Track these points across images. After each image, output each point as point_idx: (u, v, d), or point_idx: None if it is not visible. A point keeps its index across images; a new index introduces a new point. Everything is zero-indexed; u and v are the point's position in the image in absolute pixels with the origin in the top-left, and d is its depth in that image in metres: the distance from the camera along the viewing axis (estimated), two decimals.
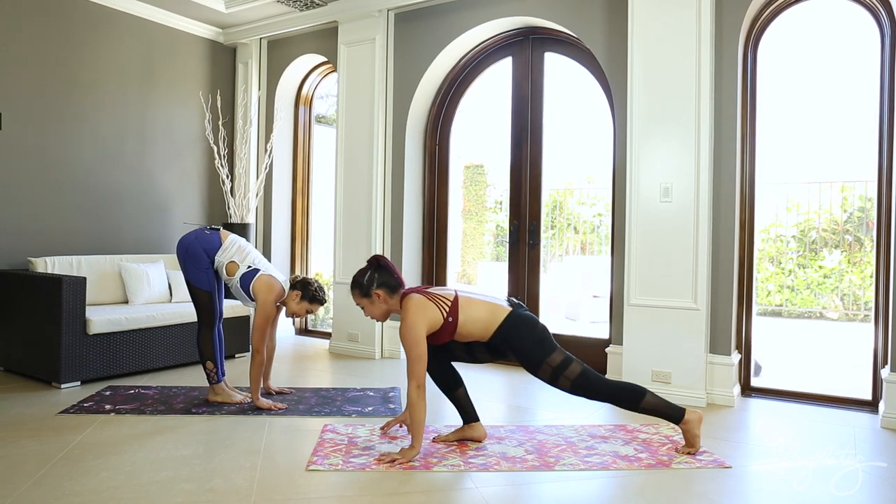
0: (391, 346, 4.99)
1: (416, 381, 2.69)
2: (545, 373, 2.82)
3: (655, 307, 3.83)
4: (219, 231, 3.59)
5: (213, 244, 3.51)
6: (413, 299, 2.80)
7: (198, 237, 3.52)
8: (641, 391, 2.84)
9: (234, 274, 3.50)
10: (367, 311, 2.92)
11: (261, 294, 3.47)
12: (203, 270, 3.49)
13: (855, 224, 6.56)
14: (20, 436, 2.96)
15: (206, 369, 3.54)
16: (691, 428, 2.84)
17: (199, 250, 3.48)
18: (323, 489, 2.44)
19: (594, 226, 7.59)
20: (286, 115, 5.87)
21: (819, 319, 6.85)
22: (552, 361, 2.80)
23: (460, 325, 2.79)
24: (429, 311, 2.76)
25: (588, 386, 2.81)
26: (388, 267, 2.89)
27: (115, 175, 5.02)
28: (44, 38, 4.59)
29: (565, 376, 2.80)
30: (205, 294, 3.51)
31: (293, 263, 6.01)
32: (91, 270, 4.53)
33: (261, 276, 3.50)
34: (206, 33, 5.63)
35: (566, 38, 4.57)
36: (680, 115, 3.76)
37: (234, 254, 3.52)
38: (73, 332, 3.85)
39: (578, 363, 2.83)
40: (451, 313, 2.79)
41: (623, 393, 2.84)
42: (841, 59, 5.48)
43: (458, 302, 2.81)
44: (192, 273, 3.49)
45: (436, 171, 5.21)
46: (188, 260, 3.48)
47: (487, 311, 2.83)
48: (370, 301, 2.88)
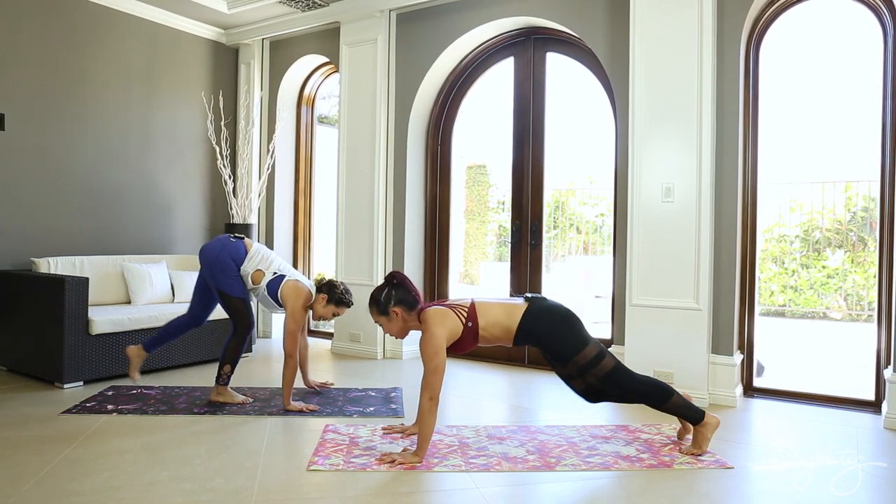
0: (393, 347, 4.99)
1: (429, 393, 2.68)
2: (573, 370, 2.82)
3: (657, 307, 3.82)
4: (243, 240, 3.60)
5: (239, 252, 3.52)
6: (431, 311, 2.81)
7: (224, 246, 3.52)
8: (669, 391, 2.85)
9: (261, 282, 3.51)
10: (385, 328, 2.93)
11: (290, 300, 3.47)
12: (233, 278, 3.50)
13: (859, 224, 6.54)
14: (23, 435, 2.97)
15: (222, 371, 3.53)
16: (706, 431, 2.84)
17: (227, 259, 3.49)
18: (324, 489, 2.44)
19: (596, 226, 7.58)
20: (288, 116, 5.88)
21: (823, 320, 6.83)
22: (582, 358, 2.79)
23: (482, 328, 2.80)
24: (448, 321, 2.77)
25: (616, 382, 2.80)
26: (406, 284, 2.90)
27: (118, 176, 5.04)
28: (47, 40, 4.60)
29: (593, 374, 2.80)
30: (240, 301, 3.52)
31: (295, 264, 6.01)
32: (94, 271, 4.54)
33: (287, 282, 3.51)
34: (209, 34, 5.64)
35: (568, 38, 4.56)
36: (681, 115, 3.76)
37: (260, 262, 3.53)
38: (75, 333, 3.86)
39: (612, 358, 2.82)
40: (469, 318, 2.79)
41: (652, 389, 2.84)
42: (844, 58, 5.46)
43: (475, 307, 2.83)
44: (222, 282, 3.49)
45: (438, 172, 5.21)
46: (217, 269, 3.48)
47: (504, 311, 2.83)
48: (388, 319, 2.89)
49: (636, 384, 2.84)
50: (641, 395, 2.85)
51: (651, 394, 2.85)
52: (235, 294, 3.51)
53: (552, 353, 2.86)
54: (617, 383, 2.83)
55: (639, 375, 2.88)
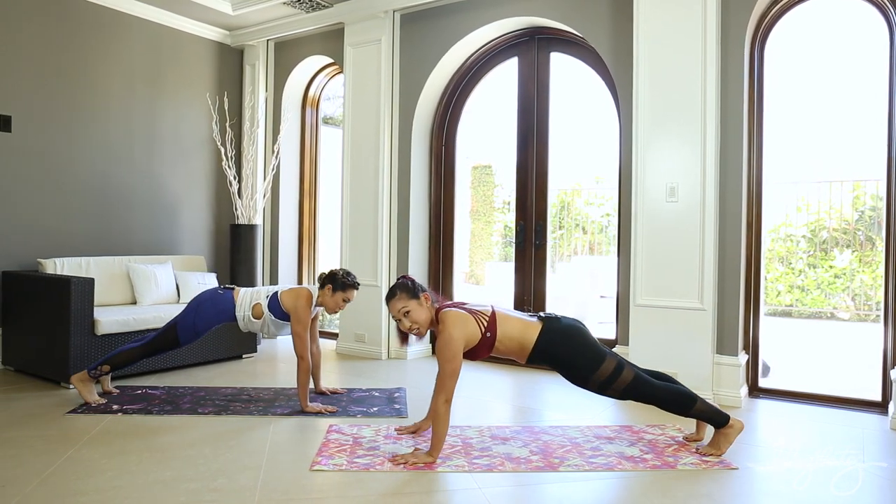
0: (397, 347, 4.99)
1: (444, 396, 2.67)
2: (593, 387, 2.81)
3: (661, 307, 3.81)
4: (232, 290, 3.62)
5: (227, 304, 3.55)
6: (452, 313, 2.75)
7: (212, 298, 3.57)
8: (693, 398, 2.82)
9: (262, 312, 3.53)
10: (413, 315, 2.78)
11: (290, 303, 3.49)
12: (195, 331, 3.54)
13: (866, 223, 6.50)
14: (29, 435, 2.98)
15: (101, 367, 3.53)
16: (729, 434, 2.82)
17: (212, 315, 3.54)
18: (326, 489, 2.44)
19: (602, 226, 7.55)
20: (293, 117, 5.89)
21: (830, 320, 6.78)
22: (600, 376, 2.76)
23: (498, 340, 2.78)
24: (469, 326, 2.73)
25: (638, 393, 2.81)
26: None
27: (123, 177, 5.06)
28: (52, 43, 4.63)
29: (614, 388, 2.79)
30: (175, 341, 3.55)
31: (300, 265, 6.03)
32: (100, 271, 4.56)
33: (282, 291, 3.54)
34: (214, 35, 5.66)
35: (572, 37, 4.55)
36: (686, 115, 3.74)
37: (252, 297, 3.56)
38: (81, 333, 3.87)
39: (630, 369, 2.80)
40: (488, 328, 2.76)
41: (675, 397, 2.82)
42: (850, 56, 5.42)
43: (496, 317, 2.79)
44: (185, 319, 3.53)
45: (442, 172, 5.21)
46: (197, 312, 3.53)
47: (521, 327, 2.80)
48: (419, 303, 2.80)
49: (658, 392, 2.81)
50: (664, 403, 2.83)
51: (674, 402, 2.82)
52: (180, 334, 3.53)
53: (571, 374, 2.82)
54: (638, 394, 2.81)
55: (658, 384, 2.84)
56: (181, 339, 3.54)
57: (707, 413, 2.83)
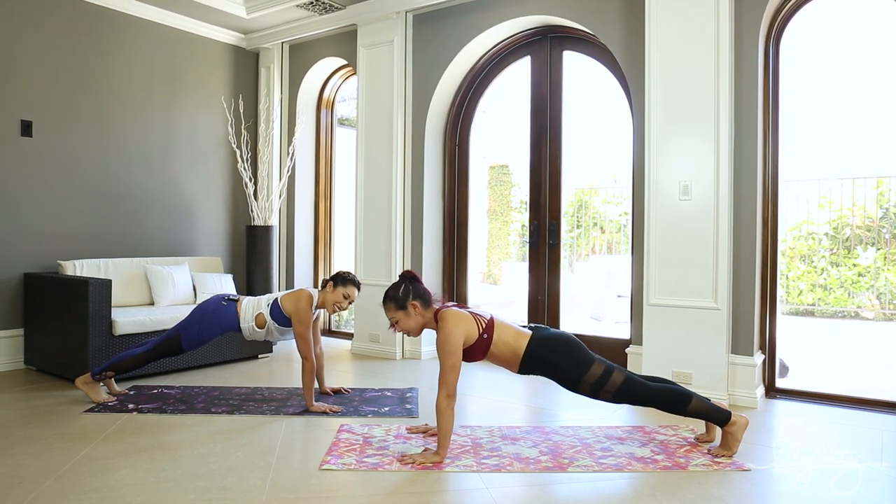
0: (412, 347, 5.00)
1: (446, 391, 2.69)
2: (585, 390, 2.84)
3: (675, 307, 3.77)
4: (236, 302, 3.64)
5: (231, 314, 3.58)
6: (452, 311, 2.83)
7: (216, 311, 3.59)
8: (687, 396, 2.81)
9: (265, 322, 3.56)
10: (401, 324, 2.91)
11: (290, 305, 3.52)
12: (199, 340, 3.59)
13: (892, 220, 6.36)
14: (47, 433, 3.04)
15: (106, 372, 3.58)
16: (735, 432, 2.80)
17: (215, 326, 3.57)
18: (334, 488, 2.46)
19: (620, 225, 7.50)
20: (308, 118, 5.93)
21: (854, 319, 6.65)
22: (590, 378, 2.80)
23: (493, 344, 2.82)
24: (467, 324, 2.79)
25: (631, 394, 2.82)
26: (420, 281, 2.93)
27: (141, 180, 5.14)
28: (70, 49, 4.72)
29: (606, 390, 2.81)
30: (178, 348, 3.60)
31: (316, 265, 6.07)
32: (118, 273, 4.64)
33: (282, 297, 3.57)
34: (229, 39, 5.73)
35: (584, 35, 4.52)
36: (699, 113, 3.70)
37: (254, 307, 3.58)
38: (99, 333, 3.94)
39: (620, 372, 2.82)
40: (486, 330, 2.82)
41: (668, 396, 2.82)
42: (869, 49, 5.32)
43: (494, 322, 2.85)
44: (188, 329, 3.57)
45: (456, 172, 5.20)
46: (201, 323, 3.57)
47: (515, 334, 2.86)
48: (406, 314, 2.88)
49: (651, 393, 2.82)
50: (659, 403, 2.82)
51: (668, 400, 2.81)
52: (183, 342, 3.57)
53: (561, 378, 2.86)
54: (632, 396, 2.82)
55: (652, 384, 2.85)
56: (185, 347, 3.60)
57: (705, 411, 2.81)
